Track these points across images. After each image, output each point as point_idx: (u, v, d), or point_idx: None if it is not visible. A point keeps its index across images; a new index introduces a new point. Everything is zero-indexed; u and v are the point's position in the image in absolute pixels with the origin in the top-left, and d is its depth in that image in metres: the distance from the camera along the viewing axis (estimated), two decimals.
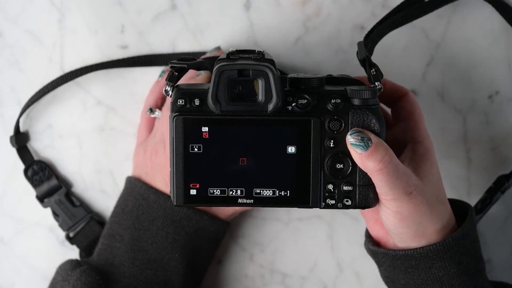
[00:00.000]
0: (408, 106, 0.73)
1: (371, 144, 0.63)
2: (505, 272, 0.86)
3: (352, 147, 0.64)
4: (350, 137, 0.64)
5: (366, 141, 0.64)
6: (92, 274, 0.76)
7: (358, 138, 0.64)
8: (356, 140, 0.64)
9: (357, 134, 0.64)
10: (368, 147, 0.63)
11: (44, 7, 0.84)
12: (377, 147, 0.63)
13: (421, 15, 0.78)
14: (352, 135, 0.64)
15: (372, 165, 0.63)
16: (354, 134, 0.64)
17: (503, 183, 0.82)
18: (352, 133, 0.64)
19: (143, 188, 0.79)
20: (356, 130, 0.64)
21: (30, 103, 0.84)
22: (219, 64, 0.62)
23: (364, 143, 0.64)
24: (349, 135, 0.64)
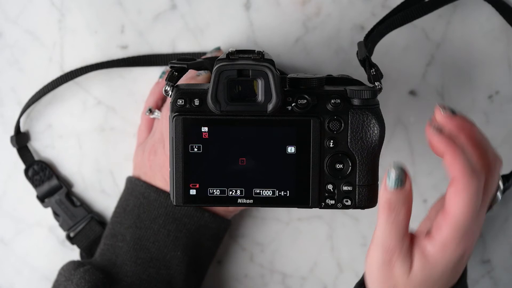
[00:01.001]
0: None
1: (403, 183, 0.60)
2: (505, 272, 0.86)
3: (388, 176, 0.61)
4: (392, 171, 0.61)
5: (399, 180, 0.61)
6: (96, 272, 0.76)
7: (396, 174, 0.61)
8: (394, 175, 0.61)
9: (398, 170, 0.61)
10: (397, 185, 0.60)
11: (44, 7, 0.84)
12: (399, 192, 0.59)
13: (421, 15, 0.78)
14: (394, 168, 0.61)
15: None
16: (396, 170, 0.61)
17: (503, 183, 0.82)
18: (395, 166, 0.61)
19: (144, 187, 0.79)
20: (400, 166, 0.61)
21: (30, 103, 0.84)
22: (219, 64, 0.62)
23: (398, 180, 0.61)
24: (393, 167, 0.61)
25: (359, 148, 0.65)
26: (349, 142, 0.65)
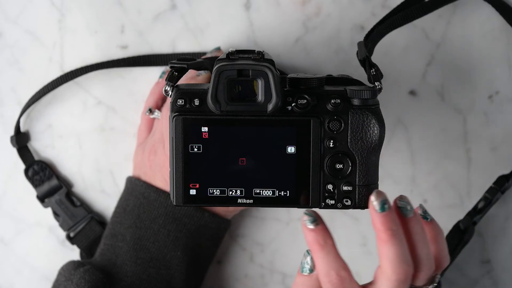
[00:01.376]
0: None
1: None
2: (505, 272, 0.86)
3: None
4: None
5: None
6: (96, 272, 0.76)
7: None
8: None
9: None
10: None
11: (44, 7, 0.84)
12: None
13: (421, 15, 0.78)
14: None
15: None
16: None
17: (503, 183, 0.82)
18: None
19: (144, 187, 0.79)
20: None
21: (30, 103, 0.84)
22: (219, 64, 0.62)
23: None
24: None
25: (359, 148, 0.65)
26: (349, 142, 0.65)
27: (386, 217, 0.60)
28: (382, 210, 0.60)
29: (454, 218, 0.83)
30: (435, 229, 0.65)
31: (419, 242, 0.62)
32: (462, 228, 0.82)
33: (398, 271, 0.60)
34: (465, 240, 0.82)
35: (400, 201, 0.63)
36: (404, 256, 0.60)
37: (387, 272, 0.61)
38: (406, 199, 0.63)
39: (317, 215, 0.62)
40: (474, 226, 0.83)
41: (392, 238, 0.60)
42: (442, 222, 0.84)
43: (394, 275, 0.61)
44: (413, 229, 0.62)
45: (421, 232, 0.62)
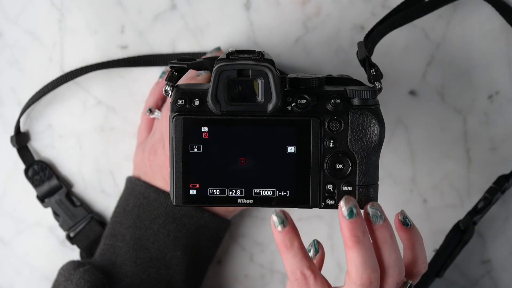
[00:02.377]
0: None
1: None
2: (505, 272, 0.86)
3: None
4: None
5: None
6: (96, 272, 0.76)
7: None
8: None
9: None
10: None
11: (44, 7, 0.84)
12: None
13: (421, 15, 0.78)
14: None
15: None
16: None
17: (503, 183, 0.82)
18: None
19: (144, 187, 0.79)
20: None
21: (30, 103, 0.84)
22: (219, 64, 0.62)
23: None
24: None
25: (359, 148, 0.65)
26: (349, 142, 0.65)
27: (353, 224, 0.61)
28: (349, 217, 0.62)
29: (454, 218, 0.83)
30: (414, 236, 0.66)
31: (387, 248, 0.63)
32: (462, 228, 0.82)
33: (362, 277, 0.62)
34: (465, 240, 0.82)
35: (370, 208, 0.64)
36: (369, 262, 0.62)
37: (352, 277, 0.62)
38: (378, 206, 0.64)
39: (286, 215, 0.63)
40: (474, 226, 0.83)
41: (357, 245, 0.61)
42: (442, 222, 0.84)
43: (359, 280, 0.62)
44: (381, 236, 0.63)
45: (389, 239, 0.63)
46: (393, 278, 0.64)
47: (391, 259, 0.63)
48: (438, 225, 0.85)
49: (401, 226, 0.66)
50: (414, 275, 0.67)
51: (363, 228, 0.62)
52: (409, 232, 0.66)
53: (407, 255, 0.66)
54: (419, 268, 0.67)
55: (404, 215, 0.66)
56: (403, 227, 0.66)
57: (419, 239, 0.66)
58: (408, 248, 0.66)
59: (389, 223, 0.64)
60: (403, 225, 0.66)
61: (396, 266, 0.64)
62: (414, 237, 0.66)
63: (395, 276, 0.64)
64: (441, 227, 0.84)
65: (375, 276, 0.62)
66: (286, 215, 0.63)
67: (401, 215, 0.66)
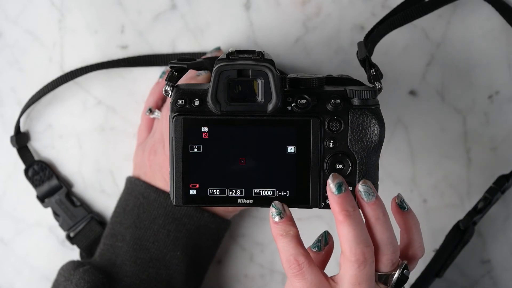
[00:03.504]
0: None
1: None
2: (505, 272, 0.86)
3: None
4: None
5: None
6: (95, 273, 0.76)
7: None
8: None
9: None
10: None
11: (44, 7, 0.84)
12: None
13: (421, 15, 0.78)
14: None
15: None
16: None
17: (503, 183, 0.82)
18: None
19: (144, 187, 0.79)
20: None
21: (30, 103, 0.84)
22: (219, 64, 0.62)
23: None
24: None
25: (359, 148, 0.65)
26: (349, 142, 0.65)
27: (342, 199, 0.62)
28: (338, 192, 0.62)
29: (454, 218, 0.83)
30: (411, 220, 0.66)
31: (380, 226, 0.63)
32: (462, 228, 0.82)
33: (355, 252, 0.61)
34: (465, 240, 0.82)
35: (362, 185, 0.64)
36: (361, 236, 0.62)
37: (346, 254, 0.62)
38: (370, 184, 0.64)
39: (283, 207, 0.64)
40: (474, 226, 0.83)
41: (347, 219, 0.62)
42: (442, 222, 0.84)
43: (353, 255, 0.62)
44: (373, 213, 0.63)
45: (382, 216, 0.63)
46: (387, 256, 0.63)
47: (384, 236, 0.63)
48: (438, 225, 0.85)
49: (398, 209, 0.66)
50: (410, 259, 0.66)
51: (352, 203, 0.62)
52: (406, 215, 0.66)
53: (403, 238, 0.66)
54: (415, 251, 0.66)
55: (401, 199, 0.66)
56: (400, 210, 0.66)
57: (416, 222, 0.66)
58: (405, 232, 0.66)
59: (381, 201, 0.63)
60: (400, 208, 0.66)
61: (390, 244, 0.63)
62: (411, 220, 0.66)
63: (389, 254, 0.63)
64: (441, 227, 0.84)
65: (369, 251, 0.62)
66: (284, 207, 0.64)
67: (398, 198, 0.66)
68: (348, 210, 0.62)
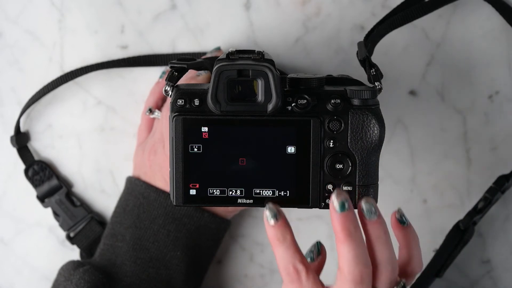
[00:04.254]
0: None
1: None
2: (505, 272, 0.86)
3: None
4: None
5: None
6: (95, 273, 0.76)
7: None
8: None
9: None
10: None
11: (44, 7, 0.84)
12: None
13: (421, 15, 0.78)
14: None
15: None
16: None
17: (503, 183, 0.82)
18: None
19: (144, 187, 0.79)
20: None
21: (30, 103, 0.84)
22: (219, 64, 0.62)
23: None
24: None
25: (359, 148, 0.65)
26: (349, 142, 0.65)
27: (345, 218, 0.61)
28: (341, 210, 0.61)
29: (454, 218, 0.83)
30: (410, 235, 0.65)
31: (380, 245, 0.62)
32: (462, 228, 0.82)
33: (353, 272, 0.61)
34: (465, 240, 0.82)
35: (365, 203, 0.63)
36: (361, 257, 0.61)
37: (344, 272, 0.62)
38: (373, 202, 0.63)
39: (278, 210, 0.63)
40: (474, 226, 0.83)
41: (349, 239, 0.61)
42: (442, 222, 0.84)
43: (350, 275, 0.61)
44: (375, 232, 0.63)
45: (383, 235, 0.63)
46: (386, 276, 0.63)
47: (384, 256, 0.62)
48: (438, 225, 0.85)
49: (397, 224, 0.65)
50: (408, 275, 0.66)
51: (355, 222, 0.61)
52: (406, 231, 0.65)
53: (402, 254, 0.66)
54: (414, 268, 0.66)
55: (401, 213, 0.66)
56: (400, 225, 0.65)
57: (415, 238, 0.66)
58: (404, 247, 0.66)
59: (383, 220, 0.63)
60: (399, 223, 0.65)
61: (389, 264, 0.63)
62: (410, 235, 0.65)
63: (388, 274, 0.63)
64: (441, 227, 0.84)
65: (367, 272, 0.61)
66: (279, 209, 0.63)
67: (398, 213, 0.66)
68: (350, 230, 0.61)
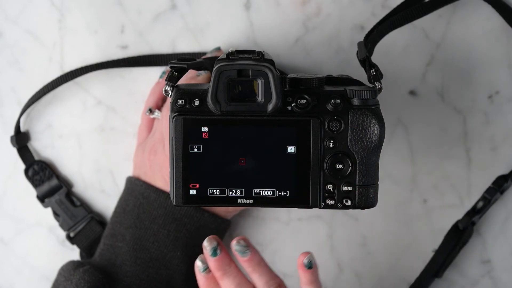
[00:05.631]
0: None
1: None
2: (505, 272, 0.86)
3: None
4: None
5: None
6: (95, 273, 0.76)
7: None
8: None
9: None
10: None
11: (44, 7, 0.84)
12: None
13: (421, 15, 0.78)
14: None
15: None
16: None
17: (502, 183, 0.82)
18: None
19: (144, 187, 0.79)
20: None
21: (30, 103, 0.84)
22: (219, 64, 0.62)
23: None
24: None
25: (359, 148, 0.65)
26: (349, 142, 0.65)
27: (218, 262, 0.71)
28: (213, 256, 0.70)
29: (454, 218, 0.83)
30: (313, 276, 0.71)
31: (256, 273, 0.71)
32: (461, 228, 0.82)
33: None
34: (464, 240, 0.82)
35: (236, 245, 0.70)
36: (241, 285, 0.71)
37: None
38: (244, 242, 0.70)
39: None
40: (473, 226, 0.83)
41: (226, 275, 0.71)
42: (442, 222, 0.84)
43: None
44: (250, 265, 0.71)
45: (257, 267, 0.71)
46: None
47: (261, 282, 0.70)
48: (438, 225, 0.85)
49: (303, 267, 0.70)
50: None
51: (228, 261, 0.71)
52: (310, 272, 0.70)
53: None
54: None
55: (309, 259, 0.70)
56: (305, 268, 0.70)
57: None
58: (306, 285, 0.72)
59: (256, 253, 0.70)
60: (305, 267, 0.70)
61: (266, 284, 0.70)
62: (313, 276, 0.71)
63: None
64: (441, 227, 0.84)
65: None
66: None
67: (306, 258, 0.70)
68: (225, 269, 0.70)
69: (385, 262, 0.86)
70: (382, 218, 0.85)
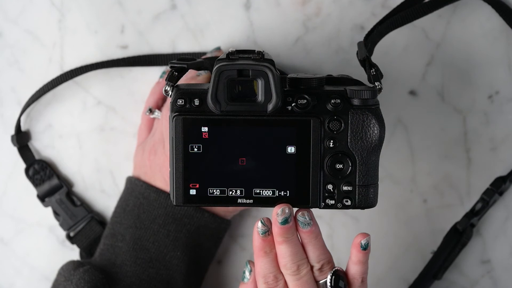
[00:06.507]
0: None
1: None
2: (505, 272, 0.86)
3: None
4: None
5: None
6: (95, 273, 0.76)
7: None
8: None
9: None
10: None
11: (44, 7, 0.84)
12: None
13: (421, 15, 0.78)
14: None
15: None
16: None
17: (500, 184, 0.82)
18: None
19: (144, 187, 0.79)
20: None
21: (30, 102, 0.84)
22: (219, 64, 0.62)
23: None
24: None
25: (359, 148, 0.65)
26: (349, 142, 0.65)
27: (285, 228, 0.67)
28: (283, 224, 0.66)
29: (454, 218, 0.83)
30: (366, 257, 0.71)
31: (311, 246, 0.69)
32: (460, 230, 0.82)
33: (291, 266, 0.68)
34: (463, 242, 0.82)
35: (300, 216, 0.67)
36: (297, 253, 0.68)
37: (286, 267, 0.68)
38: (308, 214, 0.67)
39: (271, 224, 0.67)
40: (473, 228, 0.83)
41: (286, 240, 0.67)
42: (442, 223, 0.84)
43: (290, 269, 0.68)
44: (306, 238, 0.68)
45: (313, 240, 0.69)
46: (316, 267, 0.69)
47: (315, 255, 0.69)
48: (437, 225, 0.85)
49: (358, 247, 0.69)
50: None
51: (293, 230, 0.68)
52: (364, 254, 0.69)
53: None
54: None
55: (367, 241, 0.69)
56: (360, 249, 0.69)
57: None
58: (354, 264, 0.70)
59: (317, 227, 0.68)
60: (360, 248, 0.69)
61: (319, 260, 0.69)
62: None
63: (319, 267, 0.69)
64: (440, 228, 0.84)
65: (304, 264, 0.68)
66: (269, 225, 0.67)
67: (365, 240, 0.68)
68: (288, 237, 0.67)
69: (385, 262, 0.86)
70: (382, 218, 0.85)
